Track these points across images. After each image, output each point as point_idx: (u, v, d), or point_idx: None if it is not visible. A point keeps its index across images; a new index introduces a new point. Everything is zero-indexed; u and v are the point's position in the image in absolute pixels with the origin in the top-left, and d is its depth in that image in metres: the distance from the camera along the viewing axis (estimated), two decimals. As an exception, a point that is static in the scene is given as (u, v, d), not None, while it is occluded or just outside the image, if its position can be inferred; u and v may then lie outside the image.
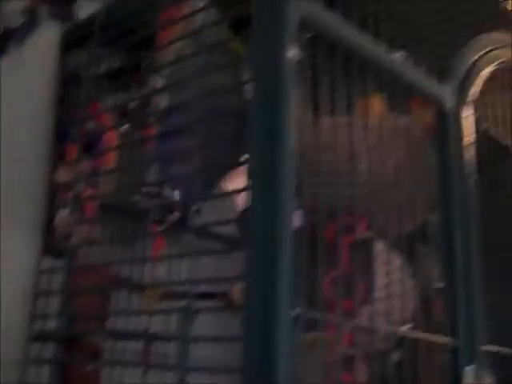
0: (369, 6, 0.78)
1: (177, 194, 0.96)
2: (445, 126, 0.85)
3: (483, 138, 0.89)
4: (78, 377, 0.87)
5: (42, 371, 0.89)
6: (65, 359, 0.85)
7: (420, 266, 0.83)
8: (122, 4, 1.05)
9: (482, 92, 0.88)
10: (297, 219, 0.64)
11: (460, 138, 0.85)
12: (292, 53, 0.62)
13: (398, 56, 0.76)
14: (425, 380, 0.73)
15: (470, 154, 0.85)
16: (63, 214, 1.09)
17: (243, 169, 0.75)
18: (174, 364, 0.69)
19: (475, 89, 0.87)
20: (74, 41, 1.07)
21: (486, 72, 0.89)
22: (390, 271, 0.73)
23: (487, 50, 0.90)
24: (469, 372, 0.77)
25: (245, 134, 0.64)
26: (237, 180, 0.88)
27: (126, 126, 1.33)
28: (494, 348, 0.80)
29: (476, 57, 0.89)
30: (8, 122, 0.92)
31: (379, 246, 0.76)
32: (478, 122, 0.87)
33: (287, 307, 0.61)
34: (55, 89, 0.97)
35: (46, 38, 0.99)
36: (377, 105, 0.76)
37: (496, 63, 0.91)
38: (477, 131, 0.87)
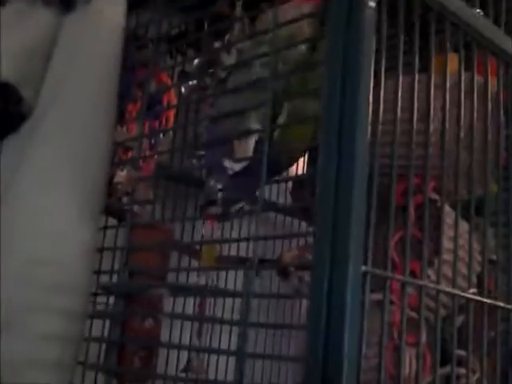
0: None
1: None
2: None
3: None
4: (137, 331, 0.88)
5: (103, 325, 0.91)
6: (125, 314, 0.86)
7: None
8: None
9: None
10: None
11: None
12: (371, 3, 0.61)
13: (477, 13, 0.74)
14: (486, 345, 0.72)
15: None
16: (122, 174, 1.10)
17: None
18: (237, 320, 0.69)
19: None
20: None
21: None
22: (456, 235, 0.72)
23: None
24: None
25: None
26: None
27: (187, 86, 1.34)
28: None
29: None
30: (73, 80, 0.92)
31: (447, 209, 0.75)
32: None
33: (356, 264, 0.60)
34: (120, 48, 0.97)
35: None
36: (453, 63, 0.74)
37: None
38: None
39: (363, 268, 0.61)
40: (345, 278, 0.59)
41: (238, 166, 0.80)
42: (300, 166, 1.56)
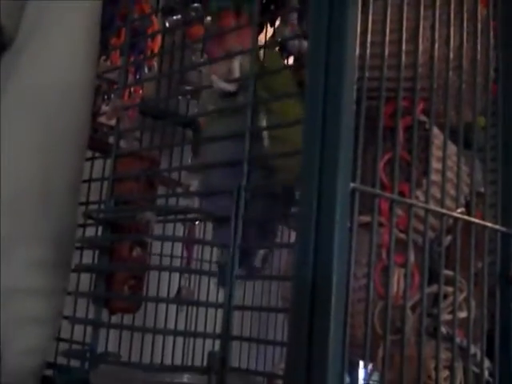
0: None
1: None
2: None
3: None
4: (125, 261, 0.87)
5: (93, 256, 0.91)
6: (113, 243, 0.86)
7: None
8: None
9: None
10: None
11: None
12: None
13: None
14: (475, 265, 0.73)
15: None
16: (106, 109, 1.08)
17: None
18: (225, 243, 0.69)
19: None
20: None
21: None
22: (445, 156, 0.71)
23: None
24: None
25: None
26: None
27: (171, 21, 1.32)
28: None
29: None
30: (55, 10, 0.90)
31: (435, 131, 0.74)
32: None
33: (344, 181, 0.60)
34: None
35: None
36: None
37: None
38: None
39: (352, 185, 0.60)
40: (333, 195, 0.59)
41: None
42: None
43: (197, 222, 1.06)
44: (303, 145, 0.62)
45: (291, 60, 1.57)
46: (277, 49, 1.49)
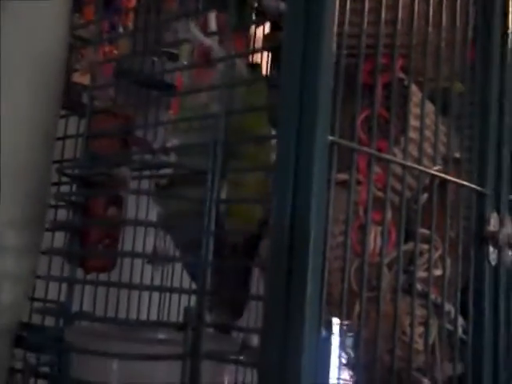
0: None
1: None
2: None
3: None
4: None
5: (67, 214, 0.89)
6: (87, 201, 0.85)
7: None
8: None
9: None
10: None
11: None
12: None
13: None
14: (450, 224, 0.73)
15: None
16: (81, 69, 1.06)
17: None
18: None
19: None
20: None
21: None
22: (423, 114, 0.71)
23: None
24: (494, 219, 0.77)
25: None
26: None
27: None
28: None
29: None
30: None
31: (414, 88, 0.74)
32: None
33: (323, 133, 0.59)
34: None
35: None
36: None
37: None
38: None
39: (330, 138, 0.60)
40: (311, 148, 0.58)
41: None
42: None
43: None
44: (281, 97, 0.61)
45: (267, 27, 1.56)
46: (254, 15, 1.48)
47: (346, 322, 0.68)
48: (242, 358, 0.69)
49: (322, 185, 0.59)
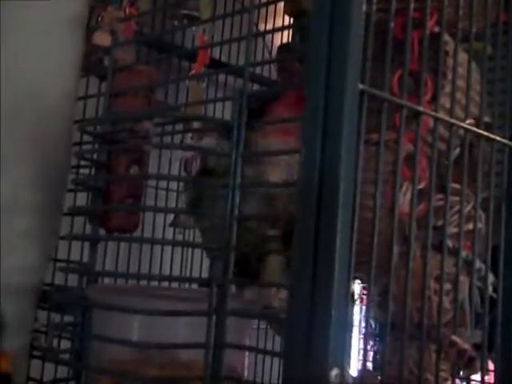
0: None
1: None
2: None
3: None
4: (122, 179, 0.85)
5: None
6: (109, 159, 0.84)
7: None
8: None
9: None
10: None
11: None
12: None
13: None
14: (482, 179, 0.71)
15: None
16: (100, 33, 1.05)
17: None
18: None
19: None
20: None
21: None
22: (455, 66, 0.69)
23: None
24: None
25: None
26: None
27: None
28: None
29: None
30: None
31: (447, 39, 0.71)
32: None
33: (353, 82, 0.57)
34: None
35: None
36: None
37: None
38: None
39: (360, 86, 0.58)
40: (341, 96, 0.57)
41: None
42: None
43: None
44: (311, 47, 0.59)
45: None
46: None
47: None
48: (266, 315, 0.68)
49: (351, 135, 0.57)
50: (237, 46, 1.17)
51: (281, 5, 1.47)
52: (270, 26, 1.54)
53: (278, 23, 1.59)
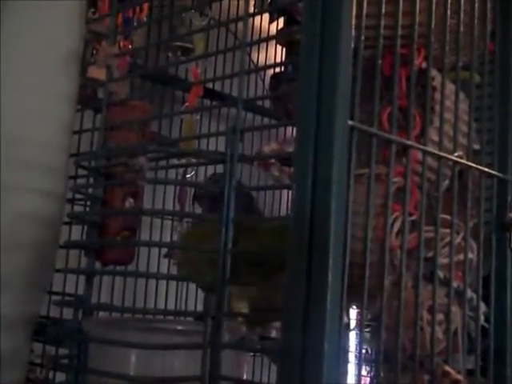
0: None
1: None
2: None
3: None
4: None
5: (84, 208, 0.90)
6: (105, 193, 0.85)
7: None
8: None
9: None
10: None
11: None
12: None
13: None
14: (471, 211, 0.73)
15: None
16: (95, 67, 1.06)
17: None
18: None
19: None
20: None
21: None
22: (442, 99, 0.70)
23: None
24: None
25: None
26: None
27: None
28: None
29: None
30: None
31: (435, 73, 0.73)
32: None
33: (342, 118, 0.59)
34: None
35: None
36: None
37: None
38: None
39: (350, 122, 0.59)
40: (331, 133, 0.58)
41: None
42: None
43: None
44: (300, 84, 0.61)
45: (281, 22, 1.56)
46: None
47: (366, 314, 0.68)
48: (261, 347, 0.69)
49: (342, 171, 0.59)
50: (230, 66, 1.19)
51: (273, 34, 1.51)
52: (262, 54, 1.57)
53: (271, 52, 1.62)
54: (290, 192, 0.63)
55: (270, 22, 1.55)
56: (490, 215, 0.75)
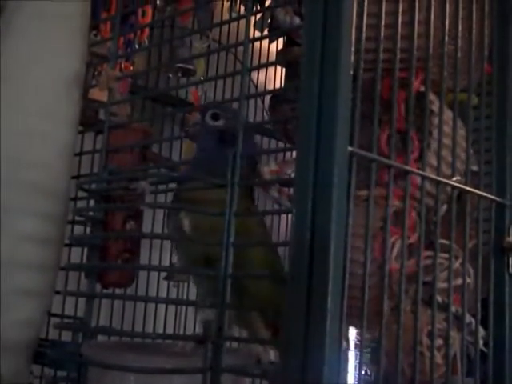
0: None
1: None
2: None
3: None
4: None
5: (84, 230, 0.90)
6: (106, 215, 0.85)
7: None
8: None
9: None
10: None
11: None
12: None
13: None
14: (470, 235, 0.73)
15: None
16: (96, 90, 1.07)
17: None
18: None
19: None
20: None
21: None
22: (440, 123, 0.71)
23: None
24: (512, 230, 0.77)
25: None
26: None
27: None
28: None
29: None
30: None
31: (433, 98, 0.74)
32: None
33: (342, 144, 0.59)
34: None
35: None
36: None
37: None
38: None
39: (349, 148, 0.60)
40: (331, 159, 0.59)
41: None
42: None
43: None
44: (300, 110, 0.62)
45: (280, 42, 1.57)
46: (266, 31, 1.50)
47: (365, 336, 0.68)
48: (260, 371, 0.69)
49: (341, 196, 0.59)
50: (230, 89, 1.20)
51: (273, 54, 1.52)
52: (262, 74, 1.58)
53: (271, 72, 1.63)
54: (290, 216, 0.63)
55: (270, 42, 1.56)
56: (489, 237, 0.76)
